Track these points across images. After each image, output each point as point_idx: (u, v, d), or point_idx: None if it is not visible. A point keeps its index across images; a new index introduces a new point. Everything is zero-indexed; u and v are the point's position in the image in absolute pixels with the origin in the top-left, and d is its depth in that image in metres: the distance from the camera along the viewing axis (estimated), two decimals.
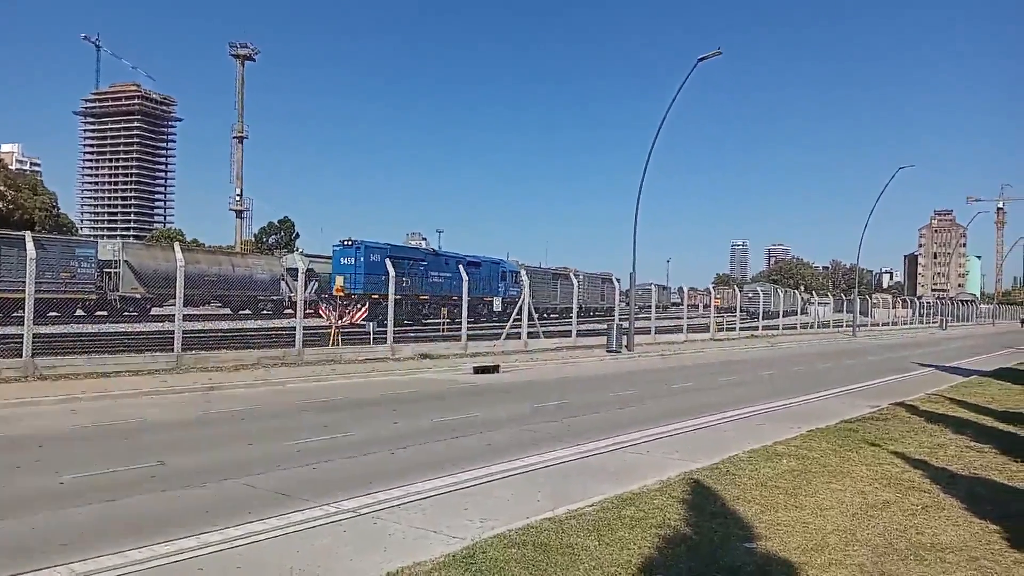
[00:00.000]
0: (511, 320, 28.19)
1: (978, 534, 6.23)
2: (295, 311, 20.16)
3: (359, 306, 32.90)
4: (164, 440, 9.92)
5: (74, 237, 54.09)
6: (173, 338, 16.91)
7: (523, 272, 31.50)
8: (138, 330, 26.12)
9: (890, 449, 9.79)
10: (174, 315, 17.52)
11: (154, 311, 37.33)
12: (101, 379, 14.64)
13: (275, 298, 45.48)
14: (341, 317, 25.08)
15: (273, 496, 7.19)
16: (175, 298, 17.50)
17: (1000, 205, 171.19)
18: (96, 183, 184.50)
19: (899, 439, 10.57)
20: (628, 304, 30.77)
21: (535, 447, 9.82)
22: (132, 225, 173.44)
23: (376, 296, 34.90)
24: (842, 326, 55.49)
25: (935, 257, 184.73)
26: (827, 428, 11.42)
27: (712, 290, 55.46)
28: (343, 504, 6.87)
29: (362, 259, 35.80)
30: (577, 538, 5.80)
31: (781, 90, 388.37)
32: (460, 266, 28.94)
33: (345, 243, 36.98)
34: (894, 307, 77.88)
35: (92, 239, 46.12)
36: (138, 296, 37.17)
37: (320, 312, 27.50)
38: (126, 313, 36.30)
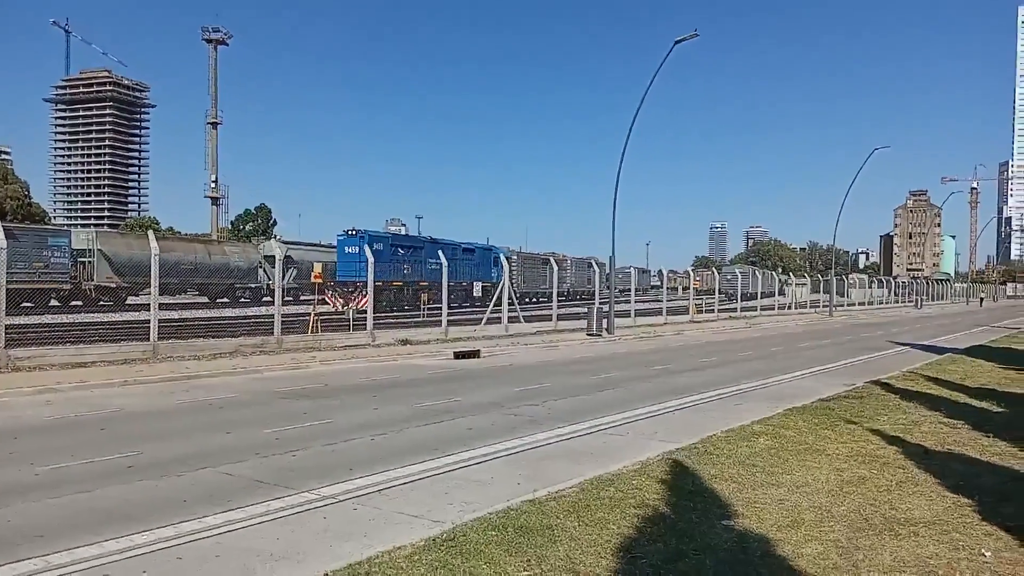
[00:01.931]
0: (491, 305, 28.20)
1: (951, 508, 6.34)
2: (274, 298, 20.01)
3: (364, 293, 33.51)
4: (141, 430, 9.82)
5: (46, 226, 53.17)
6: (149, 327, 16.73)
7: (503, 257, 31.51)
8: (114, 320, 25.81)
9: (866, 426, 9.93)
10: (150, 304, 17.32)
11: (130, 300, 36.90)
12: (76, 369, 14.46)
13: (253, 286, 45.12)
14: (347, 303, 25.08)
15: (252, 484, 7.16)
16: (151, 287, 17.29)
17: (974, 185, 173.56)
18: (69, 171, 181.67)
19: (874, 416, 10.72)
20: (608, 288, 30.88)
21: (516, 431, 9.84)
22: (106, 214, 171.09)
23: (380, 283, 35.81)
24: (819, 306, 56.04)
25: (910, 237, 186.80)
26: (804, 407, 11.55)
27: (691, 273, 55.80)
28: (323, 491, 6.85)
29: (366, 248, 36.19)
30: (557, 519, 5.83)
31: (758, 74, 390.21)
32: (440, 252, 28.93)
33: (349, 233, 37.99)
34: (870, 287, 78.68)
35: (65, 228, 45.37)
36: (113, 285, 36.69)
37: (327, 299, 27.80)
38: (101, 303, 35.84)
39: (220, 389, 13.26)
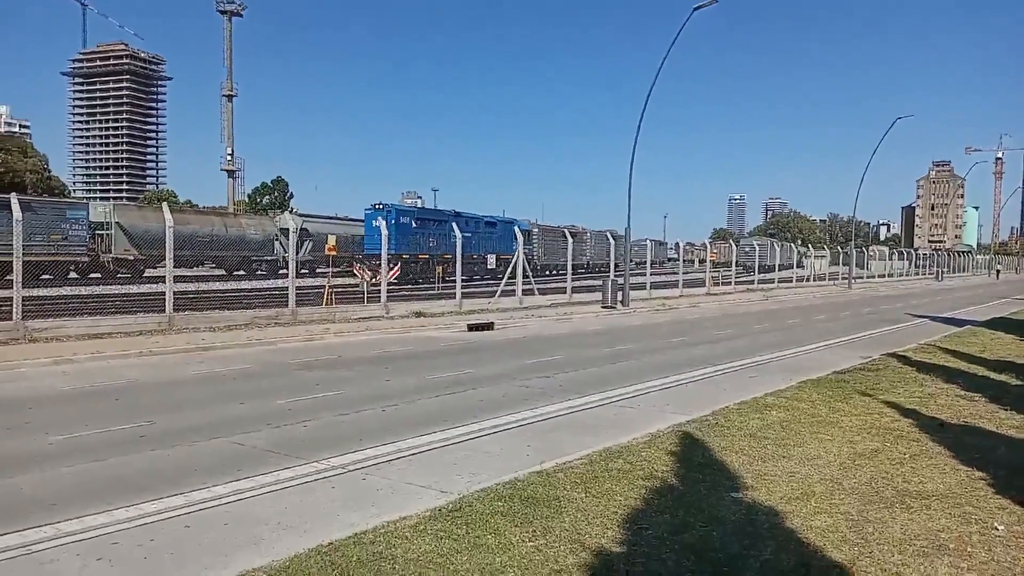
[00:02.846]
0: (505, 277, 28.15)
1: (964, 481, 6.25)
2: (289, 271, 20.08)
3: (391, 266, 34.60)
4: (154, 400, 9.91)
5: (64, 199, 53.55)
6: (165, 299, 16.84)
7: (517, 230, 31.40)
8: (130, 292, 26.05)
9: (881, 399, 9.82)
10: (166, 276, 17.43)
11: (148, 272, 37.20)
12: (92, 340, 14.60)
13: (269, 258, 45.29)
14: (375, 276, 25.30)
15: (263, 454, 7.20)
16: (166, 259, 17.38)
17: (999, 155, 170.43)
18: (87, 145, 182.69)
19: (890, 389, 10.59)
20: (624, 260, 30.72)
21: (527, 402, 9.83)
22: (124, 187, 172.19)
23: (407, 256, 37.53)
24: (838, 279, 55.53)
25: (933, 208, 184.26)
26: (819, 379, 11.44)
27: (708, 245, 55.30)
28: (333, 461, 6.87)
29: (392, 222, 37.63)
30: (564, 491, 5.81)
31: (778, 43, 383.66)
32: (455, 225, 28.84)
33: (376, 207, 38.92)
34: (890, 259, 77.72)
35: (83, 201, 45.71)
36: (131, 258, 36.99)
37: (355, 271, 28.31)
38: (119, 275, 36.18)
39: (234, 360, 13.35)
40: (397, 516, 5.25)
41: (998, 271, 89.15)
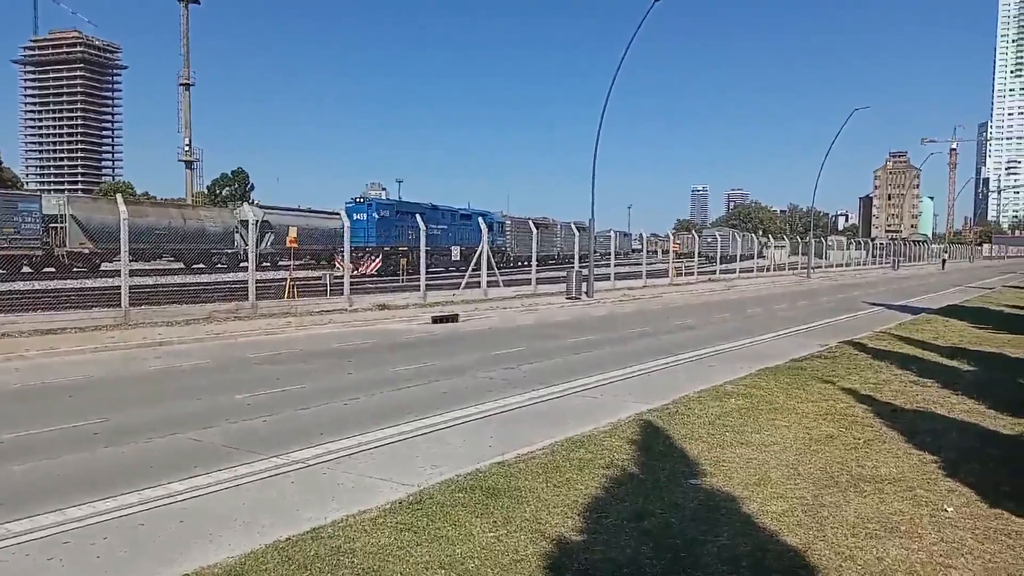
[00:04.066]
0: (470, 269, 28.09)
1: (916, 465, 6.41)
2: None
3: (373, 258, 36.61)
4: (109, 397, 9.71)
5: (15, 191, 52.07)
6: (120, 293, 16.48)
7: (482, 222, 31.27)
8: (86, 286, 25.46)
9: (837, 386, 10.00)
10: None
11: (104, 266, 36.36)
12: (46, 336, 14.22)
13: (229, 251, 44.55)
14: (355, 268, 25.23)
15: (220, 450, 7.09)
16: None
17: (953, 146, 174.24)
18: (40, 135, 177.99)
19: (846, 376, 10.80)
20: (589, 251, 30.84)
21: (490, 394, 9.82)
22: (80, 178, 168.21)
23: (387, 248, 38.27)
24: (798, 268, 56.42)
25: (889, 199, 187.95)
26: (776, 367, 11.62)
27: (672, 236, 55.81)
28: (292, 456, 6.80)
29: (373, 215, 38.61)
30: (525, 481, 5.83)
31: (740, 36, 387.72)
32: (418, 218, 28.69)
33: (357, 200, 39.83)
34: (848, 249, 79.19)
35: (35, 193, 44.52)
36: (86, 251, 36.08)
37: (336, 263, 28.29)
38: (75, 269, 35.31)
39: (192, 355, 13.11)
40: (357, 510, 5.22)
41: (944, 260, 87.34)
